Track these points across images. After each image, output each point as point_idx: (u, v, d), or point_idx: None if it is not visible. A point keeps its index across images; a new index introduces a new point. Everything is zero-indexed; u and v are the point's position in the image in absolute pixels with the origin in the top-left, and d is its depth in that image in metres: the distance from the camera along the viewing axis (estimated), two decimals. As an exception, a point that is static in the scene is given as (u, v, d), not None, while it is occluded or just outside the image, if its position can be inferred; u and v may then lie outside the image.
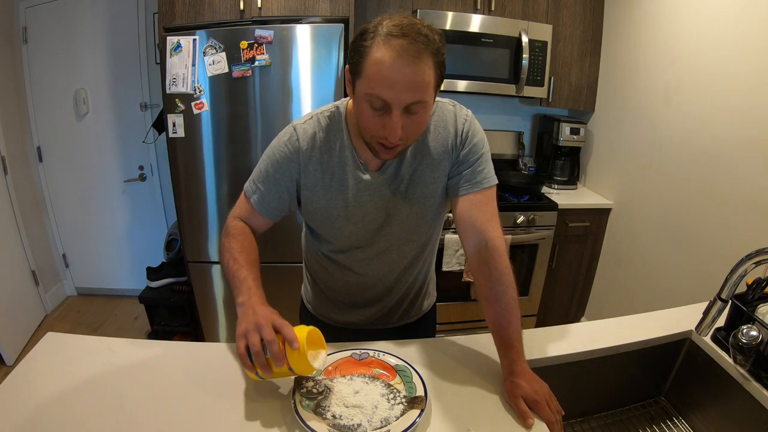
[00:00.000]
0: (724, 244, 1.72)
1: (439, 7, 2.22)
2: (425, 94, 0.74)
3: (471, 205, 0.90)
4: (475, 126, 0.92)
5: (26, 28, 2.37)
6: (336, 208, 0.92)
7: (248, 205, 0.94)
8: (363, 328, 1.10)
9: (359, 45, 0.74)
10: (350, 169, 0.90)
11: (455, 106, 0.93)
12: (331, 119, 0.90)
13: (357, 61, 0.74)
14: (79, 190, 2.69)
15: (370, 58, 0.72)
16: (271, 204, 0.93)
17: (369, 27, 0.74)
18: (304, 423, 0.71)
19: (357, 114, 0.80)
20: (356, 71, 0.75)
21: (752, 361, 0.90)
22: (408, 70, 0.70)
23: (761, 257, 0.80)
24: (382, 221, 0.94)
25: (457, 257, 2.21)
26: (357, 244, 0.97)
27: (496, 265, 0.86)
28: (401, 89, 0.71)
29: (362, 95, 0.75)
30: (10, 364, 2.20)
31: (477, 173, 0.90)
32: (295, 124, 0.91)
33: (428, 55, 0.71)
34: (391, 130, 0.75)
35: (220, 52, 1.77)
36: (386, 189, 0.91)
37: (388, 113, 0.74)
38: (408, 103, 0.73)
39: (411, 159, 0.90)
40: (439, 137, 0.90)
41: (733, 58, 1.66)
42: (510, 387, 0.79)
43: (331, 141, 0.90)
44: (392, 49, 0.70)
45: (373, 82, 0.72)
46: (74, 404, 0.76)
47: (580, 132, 2.52)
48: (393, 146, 0.79)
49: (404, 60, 0.70)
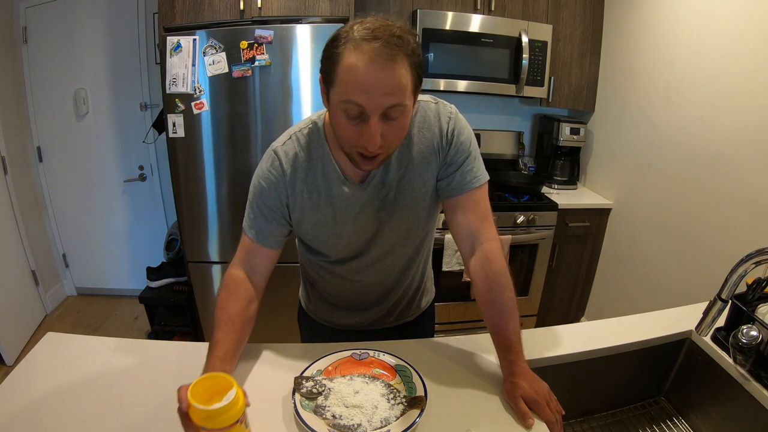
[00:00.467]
0: (724, 244, 1.72)
1: (439, 7, 2.22)
2: (403, 96, 0.70)
3: (463, 208, 0.89)
4: (460, 123, 0.89)
5: (26, 28, 2.37)
6: (326, 225, 0.90)
7: (249, 242, 0.90)
8: (363, 329, 1.10)
9: (331, 52, 0.71)
10: (335, 185, 0.87)
11: (438, 103, 0.89)
12: (309, 136, 0.88)
13: (329, 69, 0.71)
14: (79, 190, 2.69)
15: (343, 65, 0.69)
16: (270, 233, 0.90)
17: (341, 32, 0.71)
18: (304, 423, 0.71)
19: (333, 124, 0.77)
20: (329, 79, 0.72)
21: (752, 361, 0.90)
22: (383, 74, 0.67)
23: (761, 257, 0.80)
24: (374, 231, 0.92)
25: (456, 257, 2.21)
26: (351, 255, 0.96)
27: (492, 267, 0.85)
28: (377, 94, 0.68)
29: (337, 104, 0.72)
30: (10, 364, 2.20)
31: (466, 173, 0.88)
32: (275, 148, 0.88)
33: (403, 57, 0.68)
34: (369, 138, 0.71)
35: (220, 52, 1.77)
36: (374, 199, 0.89)
37: (365, 121, 0.71)
38: (385, 107, 0.70)
39: (396, 165, 0.87)
40: (424, 139, 0.87)
41: (733, 58, 1.66)
42: (510, 387, 0.79)
43: (313, 159, 0.87)
44: (364, 53, 0.67)
45: (347, 88, 0.69)
46: (74, 404, 0.76)
47: (580, 132, 2.52)
48: (373, 156, 0.76)
49: (378, 64, 0.67)
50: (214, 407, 0.59)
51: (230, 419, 0.61)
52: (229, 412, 0.61)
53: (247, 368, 0.87)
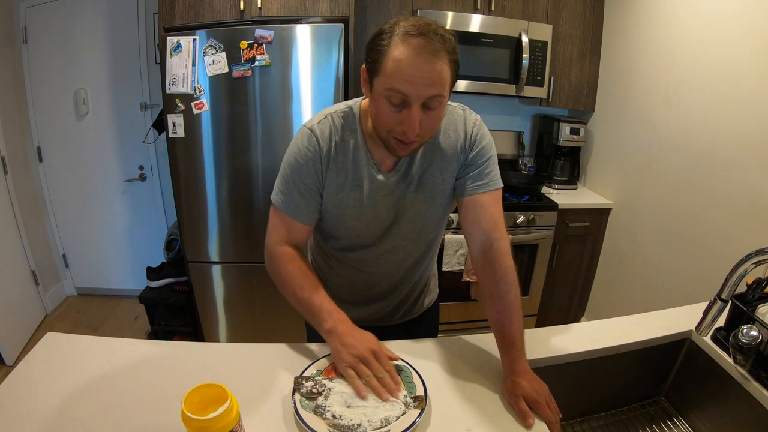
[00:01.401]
0: (724, 244, 1.72)
1: (439, 7, 2.22)
2: (442, 89, 0.76)
3: (477, 206, 0.92)
4: (483, 130, 0.95)
5: (26, 28, 2.37)
6: (349, 207, 0.93)
7: (285, 218, 0.93)
8: (366, 326, 1.10)
9: (377, 44, 0.77)
10: (364, 170, 0.91)
11: (465, 110, 0.95)
12: (345, 119, 0.91)
13: (375, 59, 0.77)
14: (79, 190, 2.69)
15: (390, 56, 0.74)
16: (308, 209, 0.92)
17: (385, 28, 0.77)
18: (304, 423, 0.71)
19: (375, 112, 0.82)
20: (375, 69, 0.78)
21: (752, 361, 0.90)
22: (427, 67, 0.73)
23: (761, 257, 0.80)
24: (391, 221, 0.96)
25: (457, 257, 2.21)
26: (365, 243, 0.98)
27: (501, 264, 0.87)
28: (421, 84, 0.74)
29: (381, 92, 0.77)
30: (10, 364, 2.20)
31: (484, 175, 0.93)
32: (310, 126, 0.91)
33: (444, 53, 0.74)
34: (409, 124, 0.77)
35: (220, 52, 1.77)
36: (397, 189, 0.93)
37: (407, 108, 0.77)
38: (427, 97, 0.75)
39: (421, 159, 0.92)
40: (449, 139, 0.92)
41: (733, 58, 1.66)
42: (511, 386, 0.80)
43: (346, 141, 0.91)
44: (411, 47, 0.73)
45: (393, 78, 0.74)
46: (74, 404, 0.76)
47: (580, 132, 2.52)
48: (410, 142, 0.81)
49: (423, 57, 0.73)
50: (208, 417, 0.59)
51: (225, 428, 0.62)
52: (224, 421, 0.61)
53: (247, 368, 0.87)
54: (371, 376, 0.78)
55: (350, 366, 0.79)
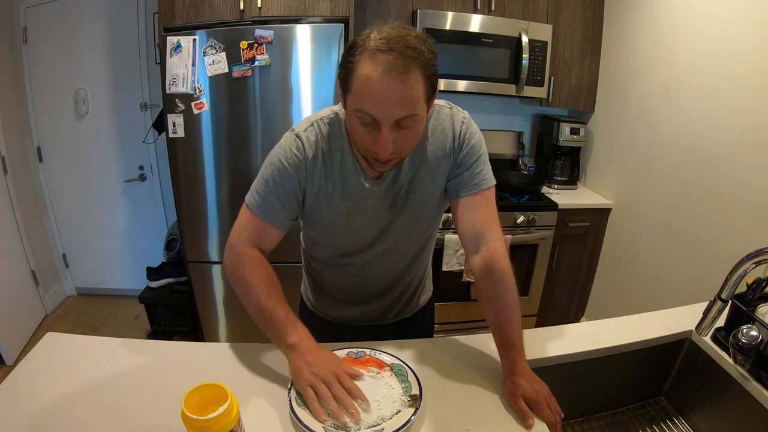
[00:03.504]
0: (724, 244, 1.72)
1: (439, 7, 2.22)
2: (414, 108, 0.72)
3: (471, 207, 0.90)
4: (472, 128, 0.92)
5: (26, 28, 2.37)
6: (337, 216, 0.91)
7: (256, 220, 0.89)
8: (362, 325, 1.11)
9: (347, 60, 0.73)
10: (352, 177, 0.89)
11: (452, 108, 0.92)
12: (331, 126, 0.88)
13: (345, 77, 0.74)
14: (79, 190, 2.68)
15: (357, 74, 0.71)
16: (281, 214, 0.89)
17: (357, 41, 0.73)
18: (299, 420, 0.71)
19: (349, 128, 0.81)
20: (345, 87, 0.75)
21: (752, 361, 0.90)
22: (396, 86, 0.69)
23: (761, 257, 0.80)
24: (383, 227, 0.94)
25: (457, 257, 2.21)
26: (357, 249, 0.97)
27: (497, 265, 0.86)
28: (389, 105, 0.71)
29: (352, 111, 0.75)
30: (10, 364, 2.20)
31: (475, 175, 0.90)
32: (297, 132, 0.88)
33: (417, 69, 0.70)
34: (381, 146, 0.74)
35: (220, 52, 1.77)
36: (387, 196, 0.91)
37: (377, 129, 0.74)
38: (397, 118, 0.72)
39: (409, 165, 0.90)
40: (437, 141, 0.90)
41: (733, 58, 1.66)
42: (511, 386, 0.80)
43: (333, 148, 0.88)
44: (379, 65, 0.69)
45: (361, 98, 0.72)
46: (74, 404, 0.76)
47: (580, 132, 2.52)
48: (386, 161, 0.79)
49: (391, 76, 0.68)
50: (208, 417, 0.59)
51: (225, 428, 0.62)
52: (224, 421, 0.61)
53: (245, 367, 0.87)
54: (330, 397, 0.73)
55: (311, 385, 0.75)
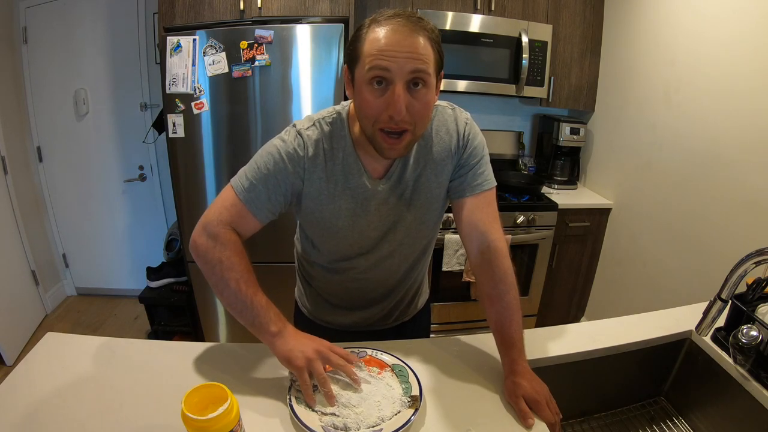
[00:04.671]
0: (724, 244, 1.72)
1: (439, 7, 2.22)
2: (426, 65, 0.73)
3: (473, 208, 0.90)
4: (474, 128, 0.92)
5: (26, 28, 2.37)
6: (340, 218, 0.89)
7: (239, 205, 0.84)
8: (360, 330, 1.10)
9: (355, 37, 0.77)
10: (354, 178, 0.87)
11: (454, 109, 0.92)
12: (333, 125, 0.87)
13: (354, 48, 0.76)
14: (79, 190, 2.68)
15: (368, 40, 0.74)
16: (266, 205, 0.85)
17: (364, 22, 0.77)
18: (299, 419, 0.71)
19: (358, 105, 0.78)
20: (354, 58, 0.77)
21: (752, 361, 0.90)
22: (406, 42, 0.72)
23: (761, 257, 0.80)
24: (387, 228, 0.93)
25: (457, 257, 2.21)
26: (359, 252, 0.95)
27: (499, 265, 0.86)
28: (402, 58, 0.72)
29: (363, 77, 0.74)
30: (10, 364, 2.20)
31: (478, 176, 0.91)
32: (299, 129, 0.86)
33: (424, 32, 0.73)
34: (394, 106, 0.73)
35: (220, 52, 1.77)
36: (391, 196, 0.90)
37: (390, 87, 0.73)
38: (409, 71, 0.72)
39: (414, 165, 0.89)
40: (442, 141, 0.90)
41: (733, 58, 1.65)
42: (511, 386, 0.80)
43: (335, 148, 0.86)
44: (388, 26, 0.73)
45: (372, 56, 0.73)
46: (74, 404, 0.76)
47: (580, 132, 2.52)
48: (399, 131, 0.76)
49: (401, 33, 0.72)
50: (208, 417, 0.59)
51: (225, 428, 0.62)
52: (224, 421, 0.61)
53: (244, 368, 0.87)
54: (326, 378, 0.76)
55: (306, 367, 0.76)
